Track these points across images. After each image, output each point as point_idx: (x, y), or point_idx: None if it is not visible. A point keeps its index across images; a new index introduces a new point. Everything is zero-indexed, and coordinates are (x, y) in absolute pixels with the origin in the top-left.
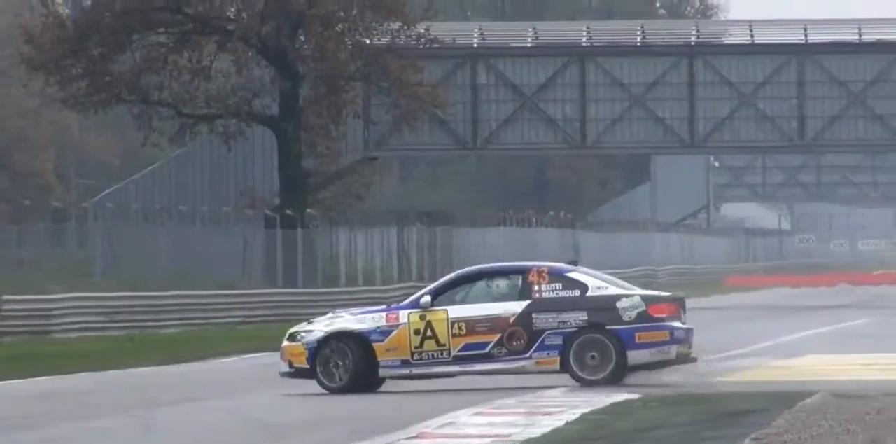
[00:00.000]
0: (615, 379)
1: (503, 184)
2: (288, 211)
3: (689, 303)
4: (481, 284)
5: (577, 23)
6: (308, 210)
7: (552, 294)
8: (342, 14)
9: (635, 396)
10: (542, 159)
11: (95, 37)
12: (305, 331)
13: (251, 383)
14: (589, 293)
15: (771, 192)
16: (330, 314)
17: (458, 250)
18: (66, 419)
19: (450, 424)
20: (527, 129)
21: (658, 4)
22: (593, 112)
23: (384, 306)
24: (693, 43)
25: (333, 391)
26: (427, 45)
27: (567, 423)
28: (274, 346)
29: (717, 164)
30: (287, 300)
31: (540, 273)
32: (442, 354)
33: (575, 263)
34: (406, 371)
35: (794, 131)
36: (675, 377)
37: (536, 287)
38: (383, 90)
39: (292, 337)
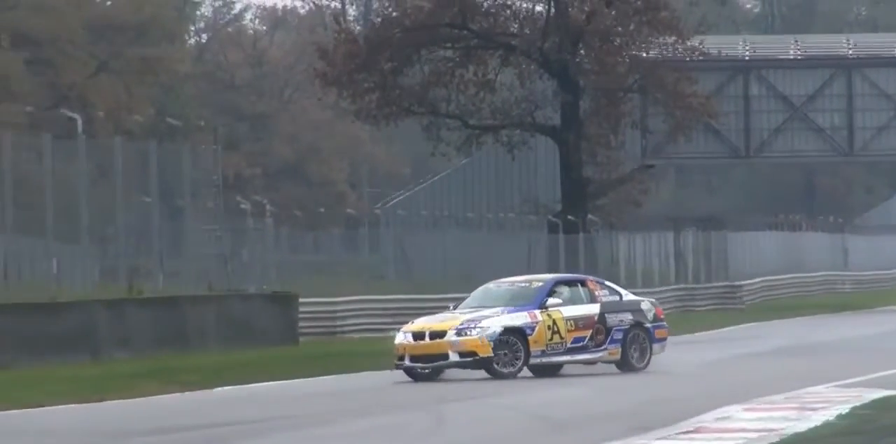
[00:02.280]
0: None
1: (773, 190)
2: (570, 217)
3: None
4: (559, 290)
5: (839, 36)
6: (589, 216)
7: (607, 299)
8: (619, 29)
9: None
10: (811, 167)
11: (385, 52)
12: (479, 327)
13: (531, 380)
14: (624, 298)
15: None
16: (448, 312)
17: (732, 254)
18: (357, 415)
19: (724, 418)
20: (796, 138)
21: None
22: (860, 121)
23: (509, 308)
24: None
25: (506, 377)
26: (699, 58)
27: (838, 417)
28: None
29: None
30: None
31: (593, 282)
32: (561, 345)
33: None
34: (542, 360)
35: None
36: None
37: (597, 293)
38: (659, 101)
39: (461, 333)
